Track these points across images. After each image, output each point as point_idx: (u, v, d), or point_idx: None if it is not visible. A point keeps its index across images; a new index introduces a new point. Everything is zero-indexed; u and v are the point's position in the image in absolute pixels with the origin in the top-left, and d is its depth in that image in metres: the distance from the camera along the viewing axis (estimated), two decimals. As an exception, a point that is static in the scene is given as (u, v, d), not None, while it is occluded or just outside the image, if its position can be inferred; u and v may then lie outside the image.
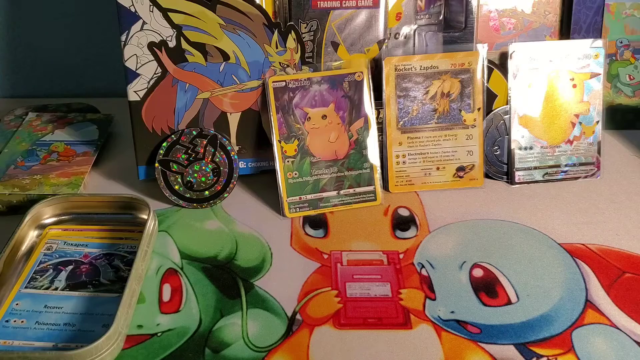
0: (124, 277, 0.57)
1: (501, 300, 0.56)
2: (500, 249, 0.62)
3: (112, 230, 0.63)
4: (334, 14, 0.68)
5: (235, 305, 0.55)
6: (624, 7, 0.80)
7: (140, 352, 0.51)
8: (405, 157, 0.70)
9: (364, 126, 0.68)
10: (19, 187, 0.68)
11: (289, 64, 0.68)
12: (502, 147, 0.73)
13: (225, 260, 0.61)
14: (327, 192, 0.68)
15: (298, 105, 0.67)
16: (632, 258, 0.61)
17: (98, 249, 0.61)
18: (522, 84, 0.72)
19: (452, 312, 0.55)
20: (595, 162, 0.74)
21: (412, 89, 0.69)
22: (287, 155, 0.67)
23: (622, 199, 0.70)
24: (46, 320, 0.53)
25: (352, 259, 0.61)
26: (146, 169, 0.70)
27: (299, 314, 0.54)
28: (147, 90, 0.67)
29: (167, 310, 0.55)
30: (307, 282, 0.58)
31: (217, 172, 0.68)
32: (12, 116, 0.84)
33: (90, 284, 0.56)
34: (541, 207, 0.69)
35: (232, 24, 0.66)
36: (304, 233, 0.65)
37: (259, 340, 0.52)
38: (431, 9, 0.72)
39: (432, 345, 0.51)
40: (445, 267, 0.60)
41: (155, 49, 0.66)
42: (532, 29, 0.76)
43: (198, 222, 0.66)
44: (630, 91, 0.82)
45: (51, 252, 0.60)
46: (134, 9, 0.64)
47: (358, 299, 0.56)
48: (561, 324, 0.53)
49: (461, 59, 0.69)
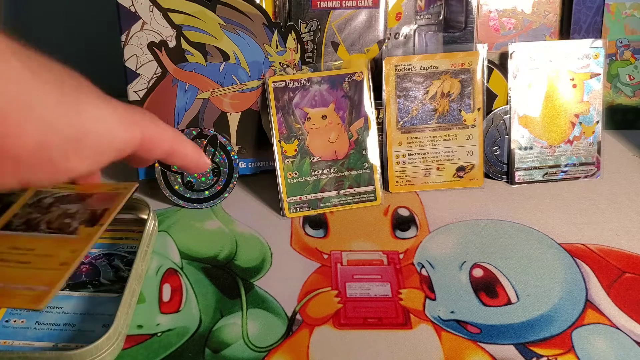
0: (124, 277, 0.57)
1: (501, 300, 0.56)
2: (500, 249, 0.62)
3: (112, 230, 0.63)
4: (334, 14, 0.68)
5: (235, 305, 0.55)
6: (624, 7, 0.80)
7: (140, 352, 0.51)
8: (405, 157, 0.70)
9: (364, 126, 0.68)
10: (19, 187, 0.67)
11: (289, 64, 0.68)
12: (502, 147, 0.73)
13: (225, 260, 0.61)
14: (327, 192, 0.68)
15: (298, 105, 0.67)
16: (632, 258, 0.61)
17: (98, 248, 0.61)
18: (522, 84, 0.72)
19: (452, 312, 0.55)
20: (595, 162, 0.74)
21: (412, 89, 0.69)
22: (287, 155, 0.67)
23: (622, 199, 0.70)
24: (46, 320, 0.53)
25: (352, 259, 0.61)
26: (146, 169, 0.70)
27: (299, 314, 0.54)
28: (147, 90, 0.67)
29: (167, 310, 0.55)
30: (307, 282, 0.58)
31: (217, 172, 0.68)
32: (12, 116, 0.84)
33: (90, 284, 0.56)
34: (541, 207, 0.69)
35: (232, 24, 0.66)
36: (304, 233, 0.65)
37: (259, 340, 0.52)
38: (431, 9, 0.72)
39: (432, 345, 0.51)
40: (445, 267, 0.60)
41: (155, 49, 0.66)
42: (532, 29, 0.76)
43: (198, 222, 0.66)
44: (630, 91, 0.83)
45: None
46: (133, 9, 0.64)
47: (358, 299, 0.56)
48: (561, 324, 0.53)
49: (461, 59, 0.69)
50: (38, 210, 0.56)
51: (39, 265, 0.49)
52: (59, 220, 0.54)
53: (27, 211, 0.56)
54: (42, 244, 0.52)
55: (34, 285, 0.47)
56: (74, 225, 0.53)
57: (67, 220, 0.54)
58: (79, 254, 0.50)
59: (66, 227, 0.53)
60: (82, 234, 0.52)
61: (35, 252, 0.51)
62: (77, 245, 0.51)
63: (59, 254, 0.50)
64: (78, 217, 0.54)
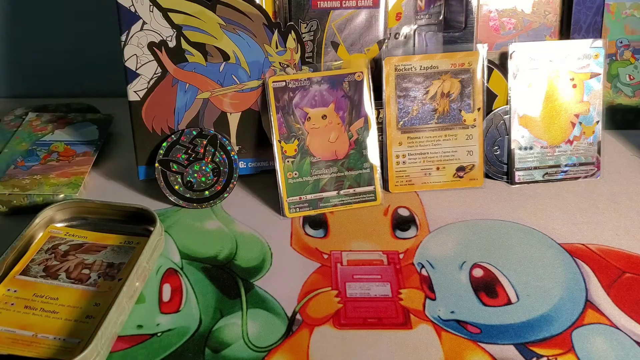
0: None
1: (501, 300, 0.56)
2: (500, 249, 0.62)
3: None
4: (334, 14, 0.68)
5: (235, 305, 0.55)
6: (624, 7, 0.80)
7: (140, 352, 0.51)
8: (405, 157, 0.70)
9: (364, 126, 0.68)
10: (19, 187, 0.68)
11: (289, 64, 0.68)
12: (502, 147, 0.73)
13: (225, 260, 0.61)
14: (327, 192, 0.68)
15: (298, 105, 0.67)
16: (632, 258, 0.61)
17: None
18: (522, 84, 0.72)
19: (452, 312, 0.54)
20: (595, 162, 0.73)
21: (412, 89, 0.69)
22: (287, 155, 0.67)
23: (622, 199, 0.70)
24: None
25: (352, 259, 0.61)
26: (146, 169, 0.70)
27: (299, 314, 0.54)
28: (147, 90, 0.67)
29: (167, 310, 0.55)
30: (307, 282, 0.58)
31: (217, 172, 0.68)
32: (12, 116, 0.84)
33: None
34: (541, 207, 0.69)
35: (232, 24, 0.66)
36: (304, 233, 0.65)
37: (259, 340, 0.52)
38: (431, 9, 0.72)
39: (432, 345, 0.51)
40: (445, 267, 0.60)
41: (155, 49, 0.66)
42: (532, 29, 0.76)
43: (198, 222, 0.66)
44: (631, 91, 0.82)
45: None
46: (134, 9, 0.64)
47: (358, 299, 0.56)
48: (561, 324, 0.53)
49: (461, 59, 0.69)
50: (55, 258, 0.58)
51: (65, 316, 0.52)
52: (77, 270, 0.57)
53: (44, 257, 0.58)
54: (65, 294, 0.54)
55: (64, 337, 0.50)
56: (93, 277, 0.56)
57: (85, 271, 0.57)
58: (103, 308, 0.53)
59: (85, 277, 0.56)
60: (103, 287, 0.55)
61: (59, 302, 0.53)
62: (100, 298, 0.54)
63: (82, 306, 0.53)
64: (95, 269, 0.57)
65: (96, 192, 0.71)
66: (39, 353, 0.48)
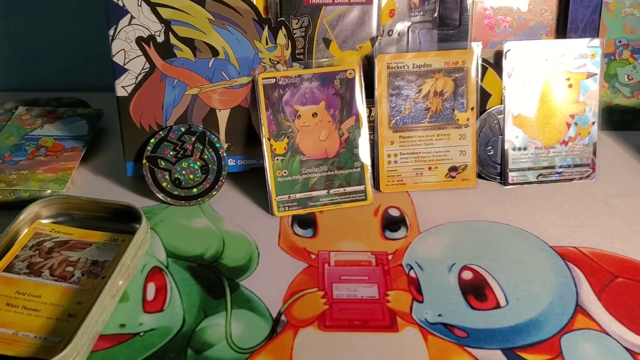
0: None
1: (490, 303, 0.55)
2: (491, 251, 0.61)
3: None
4: (326, 9, 0.67)
5: (219, 306, 0.55)
6: (623, 6, 0.79)
7: (121, 352, 0.50)
8: (396, 156, 0.69)
9: (355, 124, 0.67)
10: (5, 182, 0.67)
11: (279, 61, 0.67)
12: (496, 147, 0.72)
13: (212, 259, 0.60)
14: (317, 191, 0.67)
15: (288, 103, 0.66)
16: (625, 262, 0.60)
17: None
18: (517, 84, 0.70)
19: (439, 315, 0.54)
20: (590, 164, 0.72)
21: (404, 87, 0.68)
22: (276, 153, 0.66)
23: (617, 201, 0.69)
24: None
25: (340, 260, 0.60)
26: (134, 165, 0.69)
27: (284, 315, 0.54)
28: (135, 86, 0.66)
29: (150, 310, 0.54)
30: (294, 283, 0.57)
31: (206, 169, 0.67)
32: (1, 110, 0.83)
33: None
34: (534, 209, 0.68)
35: (221, 19, 0.65)
36: (293, 232, 0.64)
37: (243, 341, 0.51)
38: (425, 6, 0.70)
39: (418, 349, 0.50)
40: (434, 269, 0.59)
41: (144, 43, 0.65)
42: (528, 27, 0.75)
43: (185, 220, 0.66)
44: (629, 91, 0.81)
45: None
46: (122, 3, 0.63)
47: (344, 300, 0.55)
48: (550, 329, 0.52)
49: (455, 57, 0.68)
50: (39, 254, 0.58)
51: (47, 314, 0.51)
52: (61, 268, 0.56)
53: (28, 254, 0.58)
54: (47, 292, 0.54)
55: (45, 336, 0.49)
56: (77, 274, 0.56)
57: (68, 268, 0.56)
58: (85, 307, 0.52)
59: (69, 275, 0.56)
60: (86, 285, 0.55)
61: (41, 300, 0.53)
62: (83, 297, 0.53)
63: (64, 304, 0.52)
64: (79, 267, 0.56)
65: (84, 188, 0.70)
66: (18, 352, 0.48)
